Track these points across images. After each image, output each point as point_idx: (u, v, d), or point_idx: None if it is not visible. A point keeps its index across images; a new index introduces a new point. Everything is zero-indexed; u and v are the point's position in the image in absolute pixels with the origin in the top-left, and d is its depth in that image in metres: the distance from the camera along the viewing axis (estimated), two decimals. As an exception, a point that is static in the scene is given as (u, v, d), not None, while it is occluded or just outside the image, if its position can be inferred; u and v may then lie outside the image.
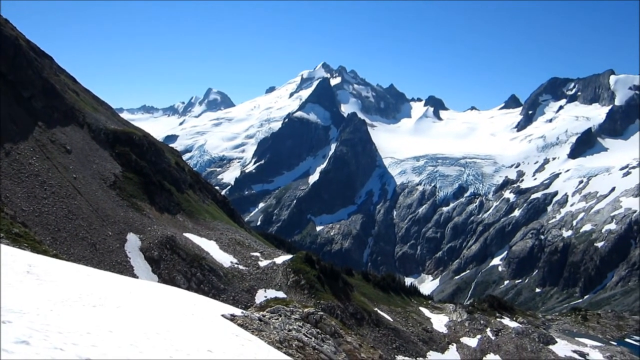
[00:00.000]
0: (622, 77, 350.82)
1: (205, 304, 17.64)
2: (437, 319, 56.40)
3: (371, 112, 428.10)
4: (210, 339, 11.31)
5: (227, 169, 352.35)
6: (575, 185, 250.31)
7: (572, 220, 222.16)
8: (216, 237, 51.50)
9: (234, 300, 39.88)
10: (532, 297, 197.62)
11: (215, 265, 43.40)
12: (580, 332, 63.82)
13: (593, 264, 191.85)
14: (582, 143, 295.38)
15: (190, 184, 64.01)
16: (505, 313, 63.46)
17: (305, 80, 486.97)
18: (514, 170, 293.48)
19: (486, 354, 49.67)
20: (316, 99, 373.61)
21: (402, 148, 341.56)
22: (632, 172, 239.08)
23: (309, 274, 46.02)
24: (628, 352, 54.75)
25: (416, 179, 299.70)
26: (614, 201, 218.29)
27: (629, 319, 70.07)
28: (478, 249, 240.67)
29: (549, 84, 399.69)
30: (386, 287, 60.32)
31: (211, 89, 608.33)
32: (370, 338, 42.73)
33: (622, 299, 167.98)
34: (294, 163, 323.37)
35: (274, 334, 17.17)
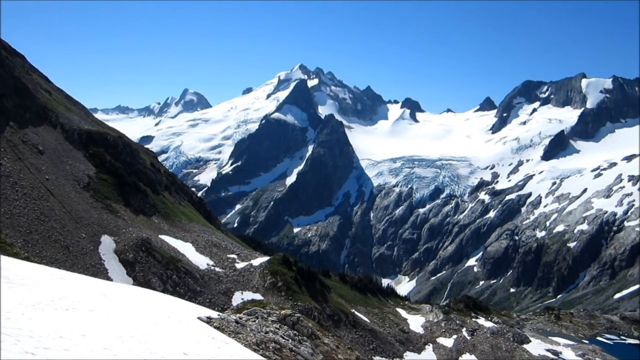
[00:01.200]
0: (594, 80, 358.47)
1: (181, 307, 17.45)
2: (413, 320, 56.74)
3: (348, 114, 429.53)
4: (186, 342, 11.18)
5: (203, 171, 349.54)
6: (548, 186, 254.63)
7: (546, 221, 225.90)
8: (192, 239, 51.03)
9: (210, 303, 39.55)
10: (506, 297, 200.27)
11: (192, 268, 42.99)
12: (553, 331, 64.88)
13: (566, 264, 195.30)
14: (555, 145, 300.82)
15: (166, 185, 63.35)
16: (481, 313, 64.17)
17: (282, 82, 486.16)
18: (489, 172, 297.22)
19: (462, 353, 50.13)
20: (293, 101, 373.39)
21: (379, 150, 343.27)
22: (603, 173, 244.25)
23: (286, 275, 45.90)
24: (600, 350, 55.82)
25: (393, 180, 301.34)
26: (586, 202, 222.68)
27: (600, 318, 71.49)
28: (454, 249, 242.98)
29: (523, 87, 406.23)
30: (363, 289, 60.47)
31: (187, 90, 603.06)
32: (347, 339, 42.77)
33: (593, 298, 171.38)
34: (271, 164, 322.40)
35: (251, 336, 17.07)
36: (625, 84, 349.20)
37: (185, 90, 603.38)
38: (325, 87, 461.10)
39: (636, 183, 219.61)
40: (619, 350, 57.95)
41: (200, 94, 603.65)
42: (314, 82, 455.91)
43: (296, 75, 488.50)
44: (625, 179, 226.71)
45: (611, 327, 67.75)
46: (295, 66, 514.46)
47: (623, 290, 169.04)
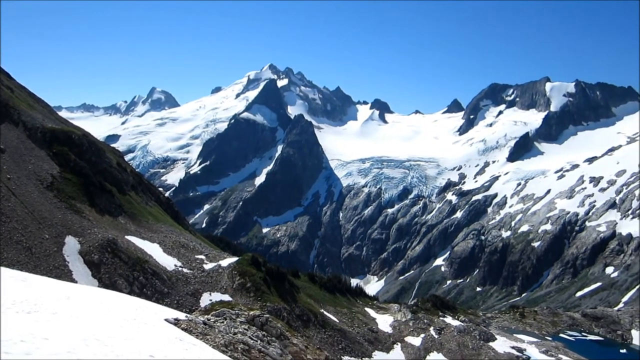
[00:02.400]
0: (557, 84, 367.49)
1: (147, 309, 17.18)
2: (382, 319, 57.14)
3: (318, 114, 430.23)
4: (152, 344, 11.02)
5: (171, 170, 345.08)
6: (513, 187, 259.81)
7: (511, 221, 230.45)
8: (160, 240, 50.32)
9: (178, 304, 39.07)
10: (473, 296, 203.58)
11: (159, 269, 42.39)
12: (518, 328, 66.19)
13: (530, 263, 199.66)
14: (520, 147, 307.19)
15: (132, 185, 62.32)
16: (448, 312, 65.03)
17: (251, 81, 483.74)
18: (456, 173, 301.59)
19: (430, 352, 50.72)
20: (263, 100, 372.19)
21: (348, 150, 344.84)
22: (565, 175, 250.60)
23: (255, 276, 45.66)
24: (562, 346, 57.27)
25: (362, 180, 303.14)
26: (549, 203, 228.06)
27: (563, 315, 73.26)
28: (422, 249, 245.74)
29: (489, 90, 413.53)
30: (332, 289, 60.60)
31: (155, 88, 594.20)
32: (316, 339, 42.81)
33: (556, 296, 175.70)
34: (240, 164, 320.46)
35: (219, 337, 16.93)
36: (587, 88, 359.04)
37: (152, 88, 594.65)
38: (295, 87, 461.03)
39: (597, 184, 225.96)
40: (581, 346, 59.54)
41: (168, 92, 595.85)
42: (284, 82, 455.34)
43: (266, 75, 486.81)
44: (587, 181, 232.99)
45: (573, 324, 69.51)
46: (264, 66, 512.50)
47: (584, 288, 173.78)
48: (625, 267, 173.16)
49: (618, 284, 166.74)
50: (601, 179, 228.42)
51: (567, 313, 76.84)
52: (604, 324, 68.80)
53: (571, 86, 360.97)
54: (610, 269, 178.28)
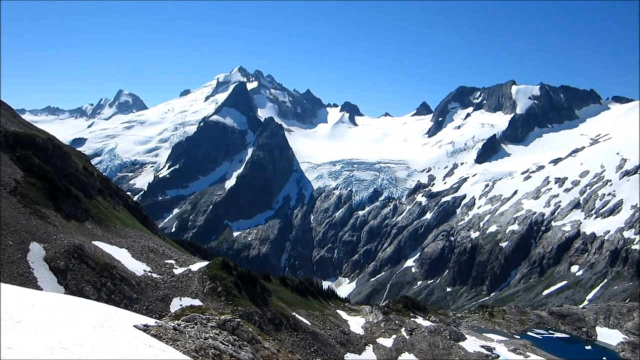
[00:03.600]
0: (523, 87, 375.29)
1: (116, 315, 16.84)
2: (354, 321, 57.31)
3: (288, 117, 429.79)
4: (121, 351, 10.81)
5: (139, 174, 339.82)
6: (481, 188, 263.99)
7: (479, 222, 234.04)
8: (128, 245, 49.45)
9: (147, 310, 38.44)
10: (443, 296, 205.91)
11: (127, 274, 41.65)
12: (487, 327, 67.22)
13: (498, 263, 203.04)
14: (488, 149, 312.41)
15: (99, 189, 61.15)
16: (419, 312, 65.64)
17: (221, 84, 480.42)
18: (426, 175, 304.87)
19: (401, 353, 51.08)
20: (232, 103, 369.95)
21: (318, 153, 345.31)
22: (532, 176, 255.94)
23: (226, 280, 45.25)
24: (530, 344, 58.42)
25: (333, 183, 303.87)
26: (516, 203, 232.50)
27: (531, 314, 74.69)
28: (392, 251, 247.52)
29: (457, 92, 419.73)
30: (304, 291, 60.53)
31: (122, 91, 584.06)
32: (288, 343, 42.66)
33: (524, 295, 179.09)
34: (210, 168, 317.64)
35: (190, 343, 16.71)
36: (552, 91, 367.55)
37: (119, 91, 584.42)
38: (265, 90, 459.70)
39: (562, 185, 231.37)
40: (548, 344, 60.83)
41: (136, 95, 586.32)
42: (254, 85, 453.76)
43: (235, 77, 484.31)
44: (552, 181, 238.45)
45: (540, 322, 70.94)
46: (234, 68, 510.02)
47: (551, 287, 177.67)
48: (590, 266, 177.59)
49: (583, 282, 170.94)
50: (566, 180, 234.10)
51: (535, 311, 78.41)
52: (570, 321, 70.42)
53: (536, 89, 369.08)
54: (575, 268, 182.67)
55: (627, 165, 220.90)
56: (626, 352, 58.89)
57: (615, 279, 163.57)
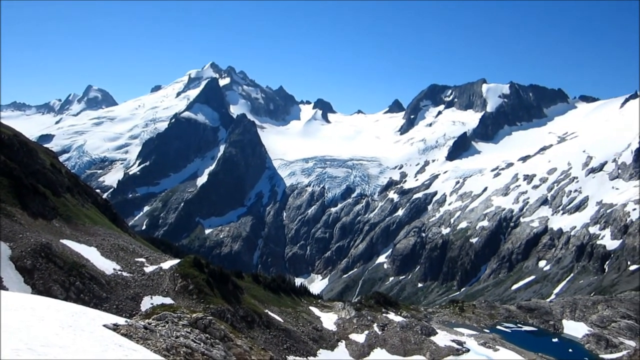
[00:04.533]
0: (493, 86, 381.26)
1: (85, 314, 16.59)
2: (326, 318, 57.50)
3: (260, 114, 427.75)
4: (90, 351, 10.67)
5: (109, 171, 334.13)
6: (452, 185, 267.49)
7: (450, 218, 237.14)
8: (97, 243, 48.62)
9: (117, 309, 37.89)
10: (415, 291, 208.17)
11: (97, 273, 40.97)
12: (458, 322, 68.21)
13: (469, 258, 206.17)
14: (458, 146, 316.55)
15: (68, 186, 59.94)
16: (391, 308, 66.20)
17: (193, 80, 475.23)
18: (398, 172, 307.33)
19: (373, 348, 51.47)
20: (204, 99, 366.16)
21: (291, 150, 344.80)
22: (501, 173, 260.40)
23: (198, 278, 44.88)
24: (499, 338, 59.53)
25: (305, 180, 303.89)
26: (486, 200, 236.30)
27: (500, 308, 76.06)
28: (365, 247, 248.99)
29: (429, 90, 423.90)
30: (276, 289, 60.45)
31: (91, 86, 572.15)
32: (261, 340, 42.58)
33: (493, 290, 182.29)
34: (181, 165, 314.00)
35: (161, 341, 16.57)
36: (521, 90, 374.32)
37: (88, 86, 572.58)
38: (237, 86, 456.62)
39: (530, 182, 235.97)
40: (516, 337, 62.10)
41: (105, 90, 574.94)
42: (226, 81, 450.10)
43: (207, 73, 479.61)
44: (521, 178, 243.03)
45: (509, 316, 72.31)
46: (206, 64, 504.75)
47: (519, 282, 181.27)
48: (557, 261, 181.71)
49: (550, 277, 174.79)
50: (534, 177, 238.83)
51: (504, 306, 79.87)
52: (538, 315, 71.94)
53: (506, 88, 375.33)
54: (543, 263, 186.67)
55: (593, 162, 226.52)
56: (591, 343, 60.50)
57: (581, 273, 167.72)
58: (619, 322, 66.37)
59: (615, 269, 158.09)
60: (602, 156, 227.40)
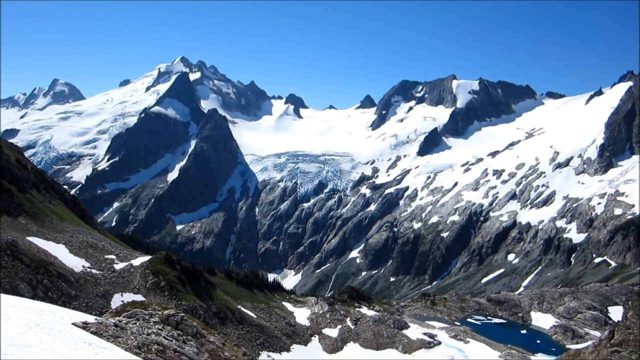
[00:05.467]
0: (463, 82, 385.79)
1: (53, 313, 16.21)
2: (299, 313, 57.53)
3: (232, 109, 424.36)
4: (59, 350, 10.41)
5: (76, 167, 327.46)
6: (423, 180, 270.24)
7: (422, 213, 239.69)
8: (65, 240, 47.60)
9: (87, 307, 37.19)
10: (387, 286, 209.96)
11: (65, 271, 40.13)
12: (429, 315, 69.06)
13: (440, 252, 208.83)
14: (429, 142, 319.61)
15: (34, 182, 58.51)
16: (364, 302, 66.64)
17: (162, 74, 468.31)
18: (370, 167, 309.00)
19: (346, 342, 51.73)
20: (174, 94, 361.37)
21: (263, 145, 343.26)
22: (471, 168, 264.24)
23: (169, 274, 44.36)
24: (470, 330, 60.51)
25: (277, 175, 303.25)
26: (457, 195, 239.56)
27: (470, 301, 77.25)
28: (337, 242, 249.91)
29: (400, 86, 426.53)
30: (249, 284, 60.17)
31: (57, 80, 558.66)
32: (234, 336, 42.36)
33: (464, 283, 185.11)
34: (152, 160, 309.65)
35: (132, 339, 16.31)
36: (490, 86, 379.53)
37: (54, 80, 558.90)
38: (208, 81, 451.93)
39: (499, 177, 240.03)
40: (486, 329, 63.20)
41: (72, 84, 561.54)
42: (196, 76, 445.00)
43: (177, 67, 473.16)
44: (490, 173, 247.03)
45: (479, 309, 73.50)
46: (176, 59, 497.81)
47: (489, 275, 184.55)
48: (525, 254, 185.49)
49: (519, 270, 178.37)
50: (503, 172, 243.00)
51: (474, 299, 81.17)
52: (507, 307, 73.33)
53: (475, 84, 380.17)
54: (512, 256, 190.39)
55: (560, 157, 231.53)
56: (558, 334, 61.99)
57: (549, 266, 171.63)
58: (585, 313, 68.10)
59: (581, 261, 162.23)
60: (568, 151, 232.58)
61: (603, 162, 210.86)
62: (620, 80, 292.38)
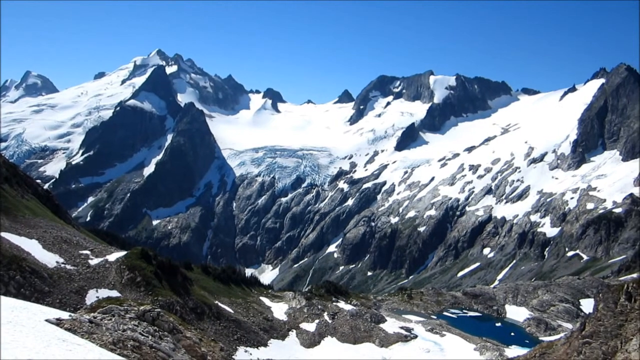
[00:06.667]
0: (440, 77, 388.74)
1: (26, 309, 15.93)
2: (277, 308, 57.54)
3: (209, 103, 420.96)
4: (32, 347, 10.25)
5: (50, 161, 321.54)
6: (401, 175, 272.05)
7: (399, 207, 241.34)
8: (38, 236, 46.78)
9: (61, 303, 36.64)
10: (364, 280, 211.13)
11: (38, 267, 39.47)
12: (406, 309, 69.67)
13: (416, 247, 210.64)
14: (407, 137, 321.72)
15: (6, 177, 57.33)
16: (341, 297, 66.94)
17: (138, 67, 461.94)
18: (347, 162, 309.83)
19: (324, 337, 51.93)
20: (151, 87, 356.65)
21: (241, 139, 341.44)
22: (448, 163, 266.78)
23: (145, 270, 43.92)
24: (445, 323, 61.32)
25: (255, 170, 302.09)
26: (433, 189, 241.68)
27: (446, 295, 78.16)
28: (315, 237, 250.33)
29: (378, 81, 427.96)
30: (226, 279, 59.95)
31: (30, 72, 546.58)
32: (211, 331, 42.20)
33: (440, 277, 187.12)
34: (127, 154, 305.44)
35: (107, 335, 16.13)
36: (467, 82, 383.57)
37: (27, 72, 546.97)
38: (185, 74, 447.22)
39: (475, 172, 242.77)
40: (462, 322, 64.11)
41: (45, 77, 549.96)
42: (173, 69, 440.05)
43: (153, 61, 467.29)
44: (466, 168, 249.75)
45: (455, 303, 74.43)
46: (152, 51, 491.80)
47: (465, 269, 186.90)
48: (500, 248, 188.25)
49: (494, 264, 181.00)
50: (479, 167, 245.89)
51: (450, 292, 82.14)
52: (482, 300, 74.40)
53: (452, 79, 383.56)
54: (487, 250, 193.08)
55: (534, 153, 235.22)
56: (531, 327, 63.16)
57: (523, 260, 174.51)
58: (557, 305, 69.45)
59: (554, 255, 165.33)
60: (542, 147, 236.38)
61: (576, 157, 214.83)
62: (593, 77, 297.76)
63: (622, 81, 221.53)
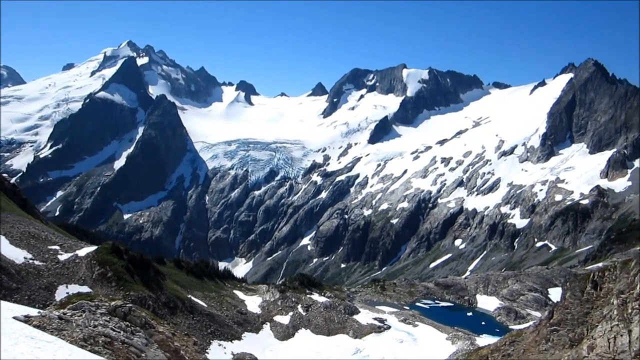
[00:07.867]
0: (413, 71, 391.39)
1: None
2: (251, 301, 57.47)
3: (181, 95, 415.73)
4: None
5: (17, 154, 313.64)
6: (374, 168, 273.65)
7: (372, 200, 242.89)
8: (5, 231, 45.74)
9: (29, 300, 35.94)
10: (338, 272, 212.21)
11: (5, 263, 38.61)
12: (379, 300, 70.33)
13: (389, 239, 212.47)
14: (380, 130, 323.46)
15: (-30, 171, 55.87)
16: (315, 289, 67.19)
17: (108, 59, 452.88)
18: (321, 155, 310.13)
19: (298, 329, 52.11)
20: (121, 79, 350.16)
21: (213, 132, 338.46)
22: (420, 156, 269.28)
23: (117, 265, 43.34)
24: (418, 314, 62.15)
25: (228, 163, 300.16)
26: (406, 182, 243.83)
27: (419, 286, 79.15)
28: (289, 230, 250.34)
29: (351, 74, 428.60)
30: (200, 273, 59.59)
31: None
32: (184, 326, 41.94)
33: (413, 268, 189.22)
34: (97, 147, 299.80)
35: (77, 332, 15.92)
36: (439, 76, 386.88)
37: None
38: (157, 66, 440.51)
39: (447, 164, 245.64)
40: (434, 312, 65.09)
41: (12, 68, 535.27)
42: (144, 61, 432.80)
43: (124, 52, 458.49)
44: (438, 161, 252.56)
45: (427, 293, 75.44)
46: (123, 42, 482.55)
47: (437, 260, 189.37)
48: (471, 239, 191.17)
49: (465, 255, 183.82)
50: (451, 160, 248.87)
51: (423, 283, 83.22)
52: (454, 291, 75.61)
53: (425, 73, 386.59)
54: (459, 241, 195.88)
55: (505, 146, 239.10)
56: (502, 316, 64.49)
57: (493, 251, 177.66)
58: (527, 295, 70.98)
59: (523, 245, 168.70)
60: (513, 140, 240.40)
61: (545, 150, 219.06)
62: (562, 72, 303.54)
63: (589, 76, 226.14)
